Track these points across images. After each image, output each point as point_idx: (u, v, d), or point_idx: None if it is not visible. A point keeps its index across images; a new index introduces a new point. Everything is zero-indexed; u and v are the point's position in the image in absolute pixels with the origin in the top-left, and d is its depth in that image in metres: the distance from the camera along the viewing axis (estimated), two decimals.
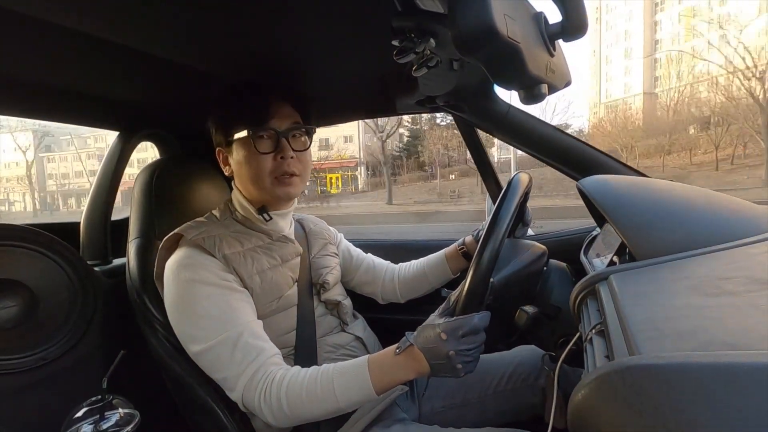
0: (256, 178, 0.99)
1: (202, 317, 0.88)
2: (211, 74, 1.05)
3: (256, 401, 0.84)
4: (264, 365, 0.86)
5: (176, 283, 0.91)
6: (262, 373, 0.85)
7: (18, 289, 1.01)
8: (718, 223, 0.73)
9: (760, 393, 0.32)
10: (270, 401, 0.83)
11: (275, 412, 0.83)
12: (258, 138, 0.97)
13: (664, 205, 0.79)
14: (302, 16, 0.80)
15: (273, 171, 0.99)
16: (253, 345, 0.87)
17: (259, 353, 0.87)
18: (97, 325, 1.14)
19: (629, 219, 0.75)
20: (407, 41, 0.71)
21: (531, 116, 1.28)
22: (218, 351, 0.86)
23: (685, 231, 0.70)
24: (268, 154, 0.98)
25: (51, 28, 0.76)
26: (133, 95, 1.21)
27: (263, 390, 0.84)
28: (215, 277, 0.91)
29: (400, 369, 0.83)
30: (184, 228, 0.97)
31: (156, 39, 0.86)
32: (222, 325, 0.87)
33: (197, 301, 0.88)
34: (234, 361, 0.85)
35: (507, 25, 0.54)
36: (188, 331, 0.90)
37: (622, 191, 0.84)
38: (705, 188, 0.87)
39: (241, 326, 0.88)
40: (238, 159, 1.00)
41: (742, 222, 0.73)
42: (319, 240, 1.21)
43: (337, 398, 0.82)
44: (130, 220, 1.18)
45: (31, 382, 1.01)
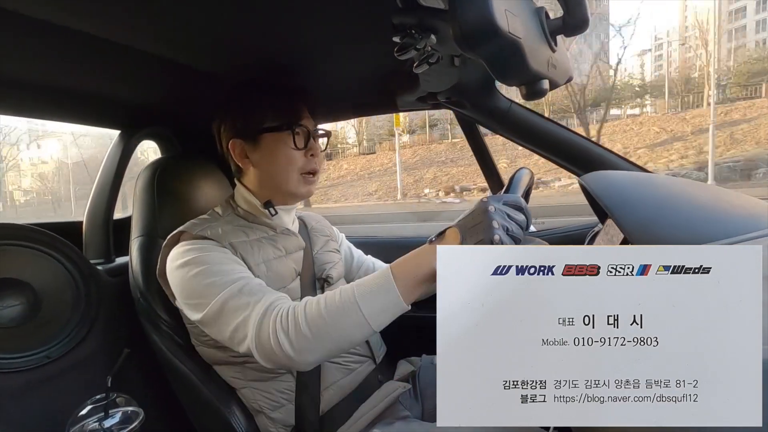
0: (285, 172, 1.01)
1: (205, 285, 0.87)
2: (212, 73, 1.05)
3: (272, 331, 0.78)
4: (276, 300, 0.83)
5: (179, 268, 0.91)
6: (275, 305, 0.81)
7: (21, 288, 1.01)
8: (720, 218, 0.73)
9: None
10: (287, 325, 0.77)
11: (293, 337, 0.76)
12: (296, 134, 1.00)
13: (666, 200, 0.78)
14: (303, 14, 0.80)
15: (302, 167, 1.02)
16: (259, 288, 0.86)
17: (267, 292, 0.85)
18: (100, 323, 1.14)
19: (631, 215, 0.75)
20: (408, 38, 0.71)
21: (532, 112, 1.28)
22: (225, 303, 0.83)
23: (688, 227, 0.70)
24: (301, 150, 1.01)
25: (51, 28, 0.76)
26: (133, 94, 1.22)
27: (278, 317, 0.79)
28: (218, 252, 0.92)
29: (426, 256, 0.76)
30: (188, 225, 0.98)
31: (156, 38, 0.86)
32: (225, 283, 0.86)
33: (200, 272, 0.88)
34: (241, 304, 0.82)
35: (508, 20, 0.54)
36: (194, 302, 0.89)
37: (624, 187, 0.83)
38: (707, 183, 0.87)
39: (246, 279, 0.87)
40: (267, 152, 1.01)
41: (745, 218, 0.73)
42: (321, 237, 1.22)
43: (359, 306, 0.75)
44: (132, 219, 1.18)
45: (35, 380, 1.01)
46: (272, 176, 1.03)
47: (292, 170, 1.01)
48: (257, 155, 1.03)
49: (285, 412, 0.98)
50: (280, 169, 1.01)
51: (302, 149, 1.01)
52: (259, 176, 1.04)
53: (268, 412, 0.98)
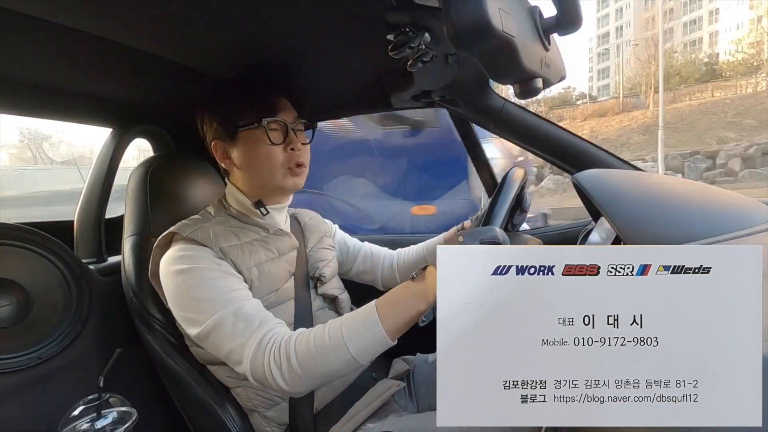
0: (267, 168, 0.99)
1: (200, 300, 0.87)
2: (204, 70, 1.05)
3: (266, 365, 0.80)
4: (270, 331, 0.84)
5: (173, 275, 0.90)
6: (268, 338, 0.82)
7: (12, 288, 1.00)
8: (712, 216, 0.74)
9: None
10: (279, 361, 0.79)
11: (286, 373, 0.79)
12: (271, 129, 0.98)
13: (658, 198, 0.79)
14: (296, 11, 0.79)
15: (285, 162, 1.00)
16: (255, 314, 0.86)
17: (263, 321, 0.85)
18: (92, 323, 1.13)
19: (624, 213, 0.75)
20: (402, 36, 0.71)
21: (526, 111, 1.28)
22: (220, 326, 0.84)
23: (680, 224, 0.70)
24: (279, 145, 0.98)
25: (43, 25, 0.75)
26: (125, 92, 1.20)
27: (271, 352, 0.80)
28: (212, 264, 0.91)
29: (411, 297, 0.78)
30: (179, 226, 0.97)
31: (148, 35, 0.85)
32: (221, 302, 0.86)
33: (195, 285, 0.88)
34: (237, 331, 0.83)
35: (502, 19, 0.54)
36: (189, 316, 0.89)
37: (617, 185, 0.84)
38: (699, 182, 0.88)
39: (240, 301, 0.87)
40: (246, 151, 0.99)
41: (736, 215, 0.74)
42: (315, 233, 1.21)
43: (347, 347, 0.77)
44: (124, 218, 1.17)
45: (27, 381, 1.00)
46: (256, 174, 1.01)
47: (274, 166, 0.99)
48: (237, 154, 1.01)
49: (279, 411, 0.98)
50: (261, 167, 0.99)
51: (280, 144, 0.99)
52: (243, 176, 1.03)
53: (262, 410, 0.98)
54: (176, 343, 1.05)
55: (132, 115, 1.36)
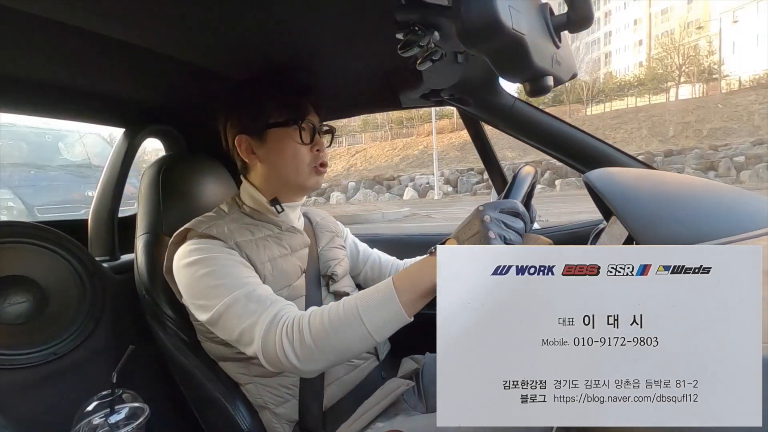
0: (293, 166, 1.02)
1: (213, 287, 0.88)
2: (216, 71, 1.06)
3: (278, 341, 0.79)
4: (282, 309, 0.84)
5: (187, 267, 0.92)
6: (281, 315, 0.83)
7: (27, 286, 1.02)
8: (725, 215, 0.73)
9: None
10: (291, 336, 0.79)
11: (298, 348, 0.78)
12: (302, 129, 1.01)
13: (671, 197, 0.78)
14: (307, 11, 0.80)
15: (311, 162, 1.03)
16: (266, 296, 0.87)
17: (274, 301, 0.86)
18: (106, 320, 1.15)
19: (636, 212, 0.74)
20: (411, 34, 0.71)
21: (536, 109, 1.27)
22: (232, 307, 0.85)
23: (692, 223, 0.69)
24: (307, 145, 1.02)
25: (56, 27, 0.76)
26: (138, 92, 1.22)
27: (284, 326, 0.80)
28: (225, 254, 0.92)
29: (429, 272, 0.77)
30: (194, 223, 0.98)
31: (161, 36, 0.86)
32: (234, 286, 0.87)
33: (208, 274, 0.89)
34: (249, 311, 0.84)
35: (512, 17, 0.54)
36: (201, 303, 0.89)
37: (629, 184, 0.83)
38: (713, 180, 0.86)
39: (253, 285, 0.88)
40: (274, 148, 1.02)
41: (750, 214, 0.72)
42: (327, 233, 1.22)
43: (362, 320, 0.76)
44: (137, 216, 1.19)
45: (41, 377, 1.02)
46: (280, 170, 1.03)
47: (302, 164, 1.03)
48: (264, 150, 1.03)
49: (289, 408, 0.99)
50: (287, 163, 1.02)
51: (308, 144, 1.03)
52: (266, 172, 1.05)
53: (272, 407, 0.99)
54: (188, 341, 1.07)
55: (144, 115, 1.38)
